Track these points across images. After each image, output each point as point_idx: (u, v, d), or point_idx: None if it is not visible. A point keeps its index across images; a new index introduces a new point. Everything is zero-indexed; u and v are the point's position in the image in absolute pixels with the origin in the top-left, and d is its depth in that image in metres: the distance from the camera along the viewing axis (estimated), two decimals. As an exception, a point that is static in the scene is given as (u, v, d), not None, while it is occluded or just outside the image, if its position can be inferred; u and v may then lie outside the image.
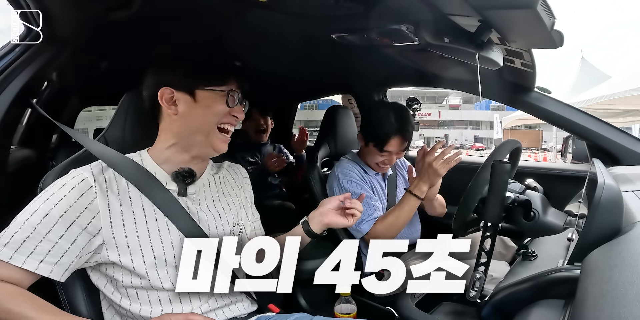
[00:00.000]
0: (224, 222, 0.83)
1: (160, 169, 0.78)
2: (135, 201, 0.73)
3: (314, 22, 1.01)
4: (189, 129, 0.76)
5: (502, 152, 0.91)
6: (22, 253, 0.64)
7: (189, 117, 0.76)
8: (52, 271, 0.66)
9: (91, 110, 3.67)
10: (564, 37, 0.78)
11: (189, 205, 0.79)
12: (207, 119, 0.76)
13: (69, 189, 0.68)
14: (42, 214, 0.66)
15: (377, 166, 1.33)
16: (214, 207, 0.83)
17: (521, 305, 0.57)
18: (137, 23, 1.01)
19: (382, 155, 1.29)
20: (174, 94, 0.75)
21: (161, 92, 0.75)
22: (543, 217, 0.83)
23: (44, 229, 0.65)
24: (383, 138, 1.26)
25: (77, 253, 0.68)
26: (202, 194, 0.82)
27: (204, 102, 0.76)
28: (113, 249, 0.70)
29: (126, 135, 0.88)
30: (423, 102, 1.93)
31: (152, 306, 0.73)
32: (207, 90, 0.76)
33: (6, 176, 0.94)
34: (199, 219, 0.78)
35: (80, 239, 0.68)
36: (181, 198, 0.78)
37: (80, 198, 0.68)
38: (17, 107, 0.90)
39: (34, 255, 0.65)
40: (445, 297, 1.00)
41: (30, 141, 1.76)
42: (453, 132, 34.74)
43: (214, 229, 0.80)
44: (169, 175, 0.78)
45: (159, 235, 0.73)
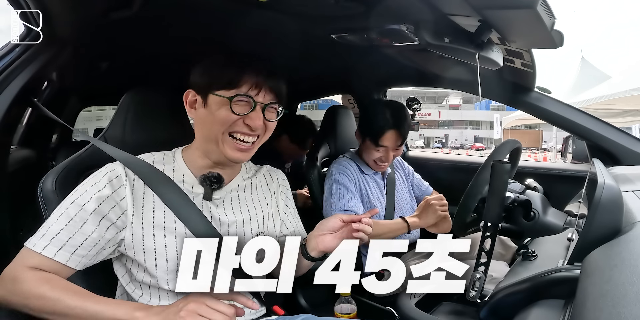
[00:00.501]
0: (247, 229, 0.80)
1: (189, 170, 0.77)
2: (158, 204, 0.73)
3: (314, 22, 1.01)
4: (203, 136, 0.75)
5: (502, 152, 0.91)
6: (55, 245, 0.66)
7: (201, 122, 0.74)
8: (79, 263, 0.68)
9: (91, 110, 3.67)
10: (564, 37, 0.78)
11: (212, 210, 0.77)
12: (212, 126, 0.72)
13: (103, 184, 0.69)
14: (77, 208, 0.67)
15: (375, 164, 1.34)
16: (240, 212, 0.80)
17: (521, 305, 0.57)
18: (138, 23, 1.01)
19: (378, 150, 1.29)
20: (196, 97, 0.74)
21: (186, 94, 0.75)
22: (543, 217, 0.83)
23: (80, 222, 0.67)
24: (378, 132, 1.27)
25: (103, 245, 0.69)
26: (228, 199, 0.80)
27: (212, 107, 0.71)
28: (130, 246, 0.71)
29: (126, 135, 0.88)
30: (423, 102, 1.93)
31: (160, 300, 0.75)
32: (216, 94, 0.71)
33: (6, 176, 0.93)
34: (220, 224, 0.77)
35: (108, 232, 0.69)
36: (205, 202, 0.76)
37: (112, 194, 0.69)
38: (18, 107, 0.90)
39: (67, 246, 0.66)
40: (445, 297, 1.00)
41: (30, 141, 1.77)
42: (453, 132, 34.75)
43: (234, 235, 0.78)
44: (196, 178, 0.77)
45: (174, 237, 0.73)
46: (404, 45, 0.89)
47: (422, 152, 2.29)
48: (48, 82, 1.78)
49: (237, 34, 1.14)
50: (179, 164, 0.77)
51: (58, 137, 2.32)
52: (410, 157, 1.96)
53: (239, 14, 0.98)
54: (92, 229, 0.67)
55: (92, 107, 3.04)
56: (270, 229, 0.85)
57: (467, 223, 0.89)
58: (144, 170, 0.73)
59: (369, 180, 1.37)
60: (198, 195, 0.76)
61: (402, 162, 1.59)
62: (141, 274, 0.73)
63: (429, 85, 1.69)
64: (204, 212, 0.74)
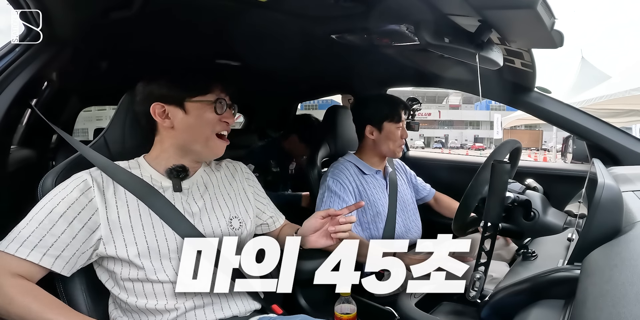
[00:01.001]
0: (219, 216, 0.85)
1: (155, 171, 0.82)
2: (130, 197, 0.77)
3: (314, 22, 1.01)
4: (187, 140, 0.80)
5: (502, 152, 0.91)
6: (27, 246, 0.68)
7: (184, 128, 0.80)
8: (54, 264, 0.70)
9: (91, 110, 3.67)
10: (564, 37, 0.78)
11: (183, 201, 0.82)
12: (202, 128, 0.80)
13: (70, 189, 0.73)
14: (46, 211, 0.71)
15: (398, 148, 1.35)
16: (211, 202, 0.86)
17: (521, 305, 0.57)
18: (138, 23, 1.01)
19: (398, 127, 1.33)
20: (165, 108, 0.79)
21: (153, 107, 0.79)
22: (543, 217, 0.83)
23: (49, 224, 0.70)
24: (394, 108, 1.33)
25: (78, 247, 0.72)
26: (195, 189, 0.85)
27: (195, 112, 0.79)
28: (110, 242, 0.74)
29: (126, 135, 0.88)
30: (423, 102, 1.93)
31: (147, 299, 0.76)
32: (194, 101, 0.79)
33: (6, 176, 0.93)
34: (193, 214, 0.81)
35: (81, 234, 0.72)
36: (176, 194, 0.81)
37: (81, 197, 0.73)
38: (17, 107, 0.90)
39: (38, 248, 0.69)
40: (445, 297, 1.00)
41: (30, 141, 1.76)
42: (453, 132, 34.76)
43: (207, 222, 0.83)
44: (163, 175, 0.81)
45: (152, 227, 0.76)
46: (404, 45, 0.89)
47: (422, 152, 2.29)
48: (48, 82, 1.77)
49: (237, 34, 1.14)
50: (145, 168, 0.82)
51: (58, 137, 2.31)
52: (410, 157, 1.96)
53: (239, 13, 0.98)
54: (61, 230, 0.70)
55: (92, 107, 3.04)
56: (243, 214, 0.90)
57: (467, 223, 0.89)
58: (128, 180, 0.77)
59: (370, 180, 1.37)
60: (168, 188, 0.81)
61: (403, 165, 1.59)
62: (126, 270, 0.75)
63: (429, 85, 1.69)
64: (175, 204, 0.79)
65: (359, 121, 1.38)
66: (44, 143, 1.97)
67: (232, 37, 1.19)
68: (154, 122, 0.80)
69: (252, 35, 1.17)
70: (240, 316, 0.84)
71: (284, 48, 1.32)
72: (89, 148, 0.82)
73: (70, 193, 0.72)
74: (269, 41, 1.26)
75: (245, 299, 0.86)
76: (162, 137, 0.82)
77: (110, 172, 0.77)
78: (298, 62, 1.52)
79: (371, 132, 1.35)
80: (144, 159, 0.83)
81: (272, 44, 1.29)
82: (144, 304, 0.75)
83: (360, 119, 1.38)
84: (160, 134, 0.82)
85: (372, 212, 1.32)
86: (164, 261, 0.76)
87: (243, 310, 0.85)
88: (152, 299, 0.76)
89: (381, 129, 1.33)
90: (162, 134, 0.82)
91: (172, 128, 0.80)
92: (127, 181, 0.77)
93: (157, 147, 0.83)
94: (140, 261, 0.74)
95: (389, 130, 1.33)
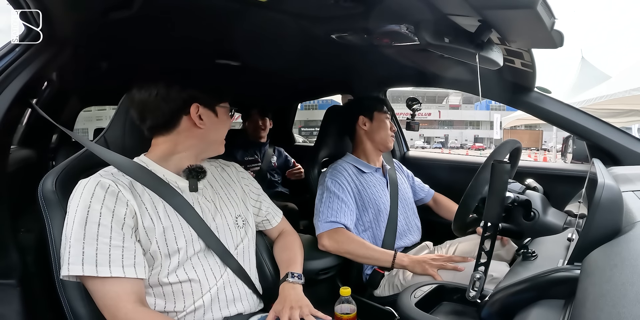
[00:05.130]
0: (227, 215, 0.88)
1: (167, 170, 0.82)
2: (155, 199, 0.77)
3: (314, 22, 1.01)
4: (210, 140, 0.86)
5: (502, 152, 0.91)
6: (102, 264, 0.68)
7: (211, 130, 0.84)
8: (137, 271, 0.70)
9: (91, 110, 3.67)
10: (564, 37, 0.78)
11: (201, 201, 0.84)
12: (224, 131, 0.89)
13: (102, 196, 0.71)
14: (94, 226, 0.69)
15: (389, 138, 1.40)
16: (219, 202, 0.88)
17: (521, 305, 0.56)
18: (138, 23, 1.01)
19: (387, 117, 1.42)
20: (199, 109, 0.82)
21: (194, 107, 0.80)
22: (543, 217, 0.83)
23: (105, 238, 0.69)
24: (379, 102, 1.44)
25: (142, 250, 0.73)
26: (206, 190, 0.88)
27: (222, 117, 0.87)
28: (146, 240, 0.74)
29: (126, 135, 0.88)
30: (423, 102, 1.93)
31: (155, 298, 0.77)
32: (222, 106, 0.86)
33: (6, 176, 0.93)
34: (206, 214, 0.83)
35: (136, 236, 0.73)
36: (192, 194, 0.83)
37: (117, 202, 0.72)
38: (17, 107, 0.89)
39: (113, 262, 0.68)
40: (445, 297, 1.00)
41: (30, 141, 1.77)
42: (453, 132, 34.77)
43: (219, 221, 0.85)
44: (176, 175, 0.82)
45: (181, 229, 0.78)
46: (404, 45, 0.89)
47: (422, 152, 2.29)
48: (48, 82, 1.77)
49: (237, 34, 1.14)
50: (154, 167, 0.81)
51: (58, 137, 2.32)
52: (410, 157, 1.96)
53: (239, 14, 0.98)
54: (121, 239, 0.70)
55: (92, 107, 3.04)
56: (244, 211, 0.94)
57: (467, 223, 0.89)
58: (138, 173, 0.78)
59: (370, 178, 1.37)
60: (185, 188, 0.82)
61: (401, 166, 1.60)
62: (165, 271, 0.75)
63: (429, 85, 1.68)
64: (194, 205, 0.81)
65: (352, 114, 1.42)
66: (44, 143, 1.97)
67: (232, 37, 1.19)
68: (179, 119, 0.80)
69: (252, 35, 1.17)
70: (244, 314, 0.85)
71: (284, 48, 1.32)
72: (104, 148, 0.82)
73: (105, 200, 0.71)
74: (269, 41, 1.26)
75: (250, 297, 0.87)
76: (182, 135, 0.82)
77: (132, 173, 0.77)
78: (298, 62, 1.52)
79: (364, 123, 1.39)
80: (147, 158, 0.83)
81: (272, 44, 1.29)
82: (172, 308, 0.77)
83: (352, 112, 1.42)
84: (182, 132, 0.81)
85: (373, 210, 1.32)
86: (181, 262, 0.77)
87: (248, 308, 0.86)
88: (161, 299, 0.77)
89: (372, 118, 1.39)
90: (184, 133, 0.82)
91: (201, 128, 0.82)
92: (148, 181, 0.78)
93: (166, 147, 0.82)
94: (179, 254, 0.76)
95: (379, 119, 1.39)
